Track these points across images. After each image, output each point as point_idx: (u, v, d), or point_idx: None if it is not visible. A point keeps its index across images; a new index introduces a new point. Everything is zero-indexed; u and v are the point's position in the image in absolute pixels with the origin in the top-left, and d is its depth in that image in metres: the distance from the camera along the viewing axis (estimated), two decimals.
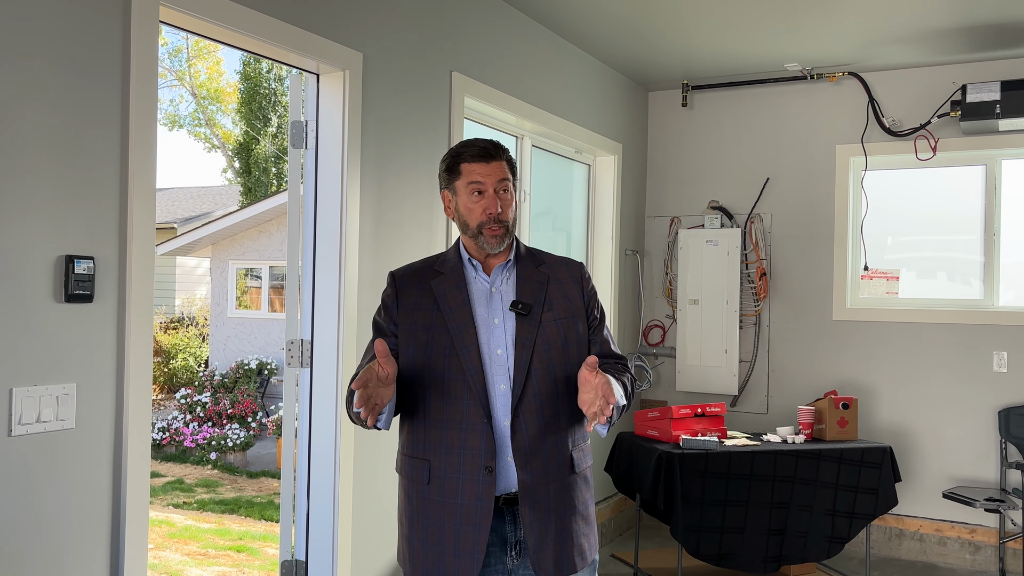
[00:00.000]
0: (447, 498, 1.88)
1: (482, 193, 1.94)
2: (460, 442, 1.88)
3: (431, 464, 1.90)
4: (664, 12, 4.03)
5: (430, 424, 1.91)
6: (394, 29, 3.25)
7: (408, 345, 1.94)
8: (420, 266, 2.04)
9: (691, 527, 3.89)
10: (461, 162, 1.96)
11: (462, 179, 1.96)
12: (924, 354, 4.78)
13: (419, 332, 1.94)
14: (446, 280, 1.98)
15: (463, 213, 1.97)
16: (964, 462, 4.68)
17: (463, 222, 1.98)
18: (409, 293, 1.99)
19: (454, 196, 1.99)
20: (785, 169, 5.13)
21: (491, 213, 1.93)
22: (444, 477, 1.89)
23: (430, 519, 1.91)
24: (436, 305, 1.95)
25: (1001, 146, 4.61)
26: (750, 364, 5.20)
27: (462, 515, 1.87)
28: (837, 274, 4.97)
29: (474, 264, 1.99)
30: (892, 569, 4.61)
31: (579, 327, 2.00)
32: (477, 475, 1.87)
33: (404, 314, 1.97)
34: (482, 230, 1.94)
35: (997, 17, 3.97)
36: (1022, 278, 4.69)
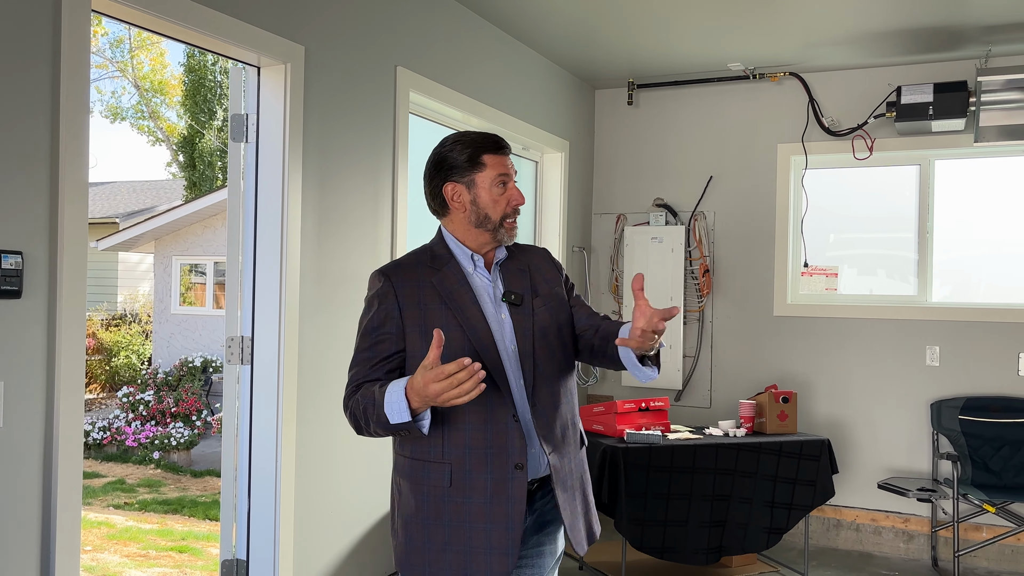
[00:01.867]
0: (473, 499, 1.84)
1: (506, 185, 1.93)
2: (486, 442, 1.85)
3: (452, 467, 1.85)
4: (610, 11, 4.06)
5: (450, 426, 1.85)
6: (337, 23, 3.22)
7: (420, 346, 1.85)
8: (410, 262, 1.96)
9: (635, 520, 3.93)
10: (484, 153, 1.92)
11: (487, 171, 1.92)
12: (861, 349, 4.90)
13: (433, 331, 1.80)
14: (447, 277, 1.92)
15: (485, 205, 1.92)
16: (898, 453, 4.82)
17: (482, 215, 1.92)
18: (409, 291, 1.89)
19: (470, 189, 1.92)
20: (728, 167, 5.21)
21: (518, 204, 1.94)
22: (469, 479, 1.85)
23: (453, 522, 1.86)
24: (444, 303, 1.88)
25: (934, 147, 4.75)
26: (694, 359, 5.28)
27: (492, 515, 1.84)
28: (778, 271, 5.07)
29: (475, 259, 1.96)
30: (829, 559, 4.72)
31: (565, 307, 2.06)
32: (507, 473, 1.85)
33: (410, 313, 1.88)
34: (503, 222, 1.93)
35: (931, 21, 4.09)
36: (954, 275, 4.84)
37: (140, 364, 11.78)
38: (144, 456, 8.12)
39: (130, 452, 8.28)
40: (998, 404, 4.54)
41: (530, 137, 4.74)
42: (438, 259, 1.95)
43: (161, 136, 18.78)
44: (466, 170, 1.92)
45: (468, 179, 1.92)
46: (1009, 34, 4.24)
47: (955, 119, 4.45)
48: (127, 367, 11.72)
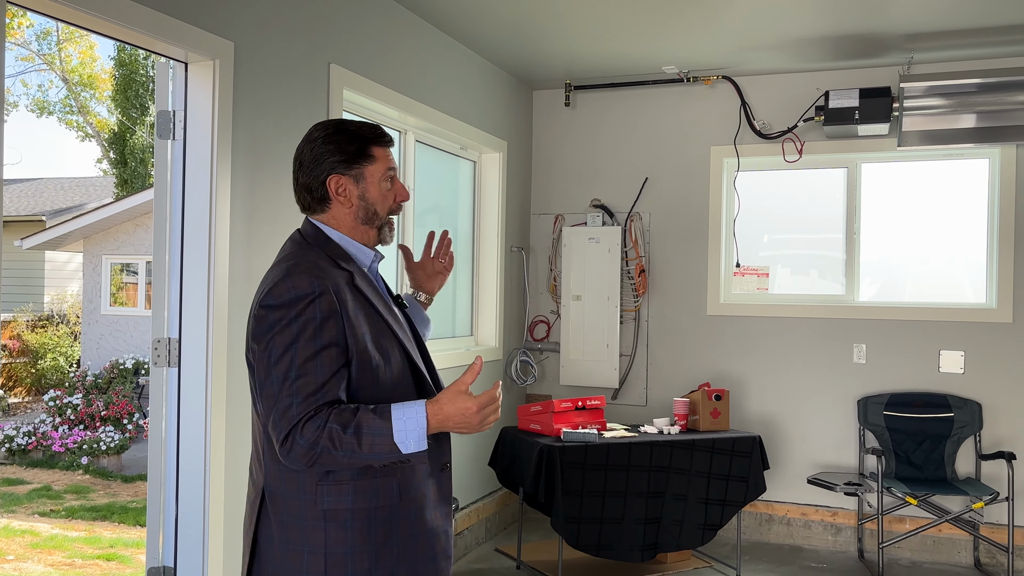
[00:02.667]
0: (415, 508, 1.74)
1: (393, 180, 1.83)
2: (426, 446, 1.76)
3: (399, 480, 1.71)
4: (546, 13, 4.08)
5: None
6: (268, 19, 3.16)
7: (369, 356, 1.69)
8: (323, 264, 1.72)
9: (571, 519, 3.96)
10: (373, 145, 1.79)
11: (377, 164, 1.79)
12: (791, 347, 5.02)
13: (376, 343, 1.71)
14: (361, 278, 1.77)
15: (374, 201, 1.79)
16: (827, 449, 4.95)
17: (370, 211, 1.79)
18: (344, 297, 1.69)
19: (359, 183, 1.78)
20: (663, 169, 5.29)
21: (403, 200, 1.84)
22: (414, 489, 1.73)
23: (403, 539, 1.72)
24: (372, 308, 1.74)
25: (860, 150, 4.89)
26: (630, 358, 5.34)
27: (434, 519, 1.77)
28: (711, 271, 5.16)
29: (375, 258, 1.85)
30: (761, 553, 4.82)
31: None
32: (440, 474, 1.81)
33: (353, 323, 1.68)
34: (388, 219, 1.84)
35: (856, 28, 4.20)
36: (880, 275, 4.99)
37: (68, 366, 11.41)
38: (72, 462, 7.87)
39: (57, 458, 8.02)
40: (920, 400, 4.70)
41: (468, 137, 4.73)
42: (339, 258, 1.76)
43: (91, 132, 18.24)
44: (354, 162, 1.77)
45: (356, 172, 1.78)
46: (930, 42, 4.39)
47: (880, 124, 4.58)
48: (54, 370, 11.35)
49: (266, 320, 1.65)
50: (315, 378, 1.61)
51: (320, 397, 1.61)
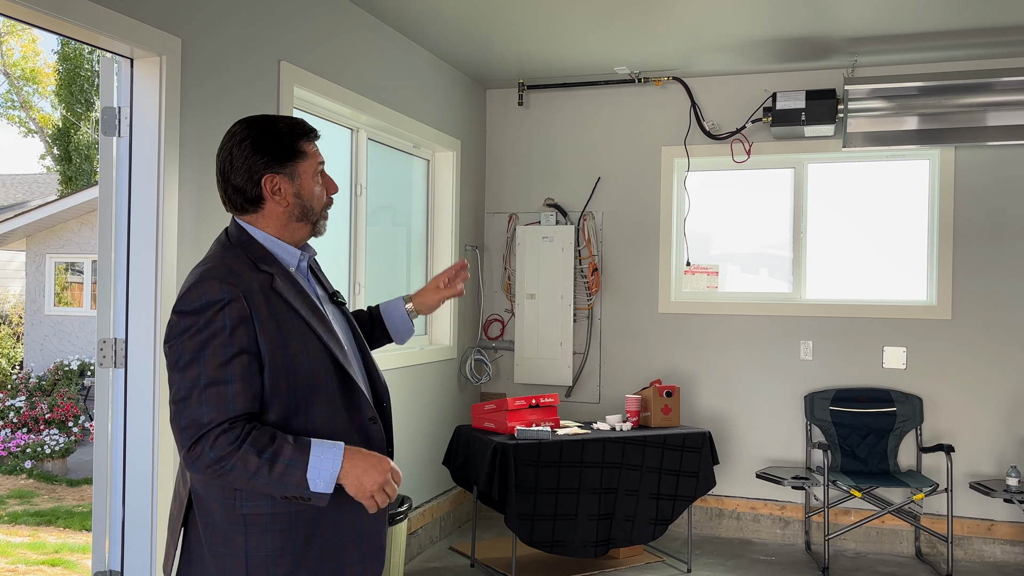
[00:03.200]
0: (341, 510, 1.72)
1: (323, 174, 1.84)
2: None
3: None
4: (499, 12, 4.09)
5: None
6: (217, 15, 3.12)
7: (283, 362, 1.67)
8: (240, 267, 1.70)
9: (525, 516, 3.98)
10: (303, 141, 1.78)
11: (309, 160, 1.78)
12: (740, 344, 5.11)
13: (292, 345, 1.68)
14: (283, 280, 1.74)
15: (309, 197, 1.78)
16: (775, 444, 5.05)
17: (306, 208, 1.78)
18: (258, 301, 1.66)
19: (293, 180, 1.77)
20: (615, 169, 5.34)
21: (334, 192, 1.86)
22: (338, 492, 1.68)
23: (327, 540, 1.72)
24: (292, 310, 1.70)
25: (807, 151, 5.00)
26: (583, 356, 5.38)
27: (362, 521, 1.75)
28: (662, 269, 5.23)
29: (302, 257, 1.82)
30: (712, 547, 4.90)
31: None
32: None
33: (265, 327, 1.66)
34: (322, 215, 1.83)
35: (803, 31, 4.29)
36: (826, 273, 5.10)
37: (10, 368, 11.11)
38: (15, 466, 7.66)
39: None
40: (865, 395, 4.81)
41: (421, 135, 4.72)
42: (261, 260, 1.74)
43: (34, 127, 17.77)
44: (287, 160, 1.76)
45: (290, 169, 1.76)
46: (873, 45, 4.50)
47: (825, 125, 4.69)
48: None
49: (177, 326, 1.64)
50: (225, 387, 1.60)
51: (231, 407, 1.60)
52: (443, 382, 5.06)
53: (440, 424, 5.01)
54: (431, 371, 4.89)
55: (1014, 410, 4.68)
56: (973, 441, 4.74)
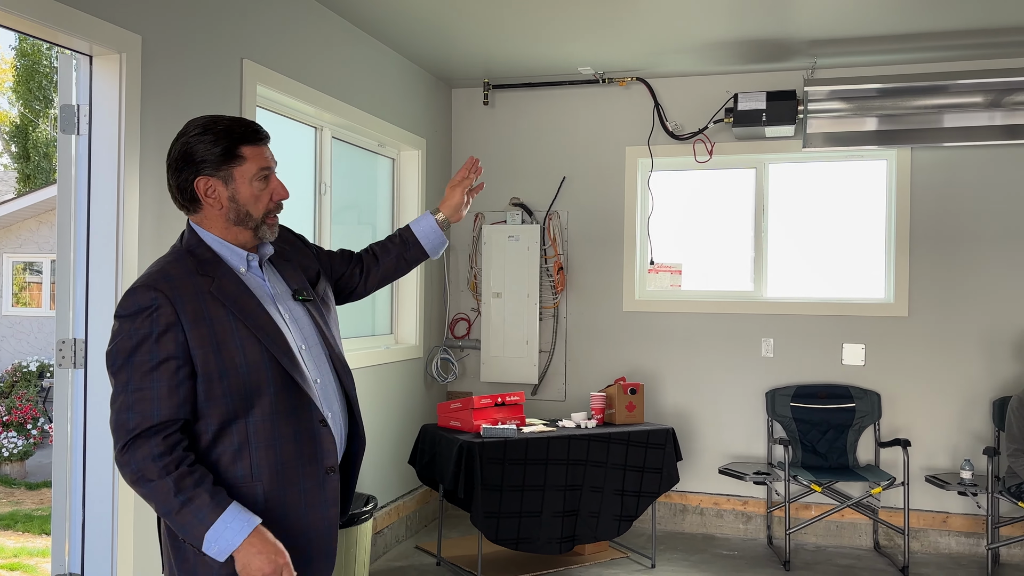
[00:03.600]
0: (289, 514, 1.74)
1: (268, 179, 1.80)
2: (297, 452, 1.75)
3: (264, 486, 1.72)
4: (464, 12, 4.10)
5: (258, 445, 1.71)
6: (178, 12, 3.10)
7: (216, 366, 1.68)
8: (179, 272, 1.72)
9: (490, 514, 4.00)
10: (242, 145, 1.76)
11: (247, 164, 1.76)
12: (703, 342, 5.17)
13: (227, 349, 1.69)
14: (225, 283, 1.74)
15: (246, 202, 1.77)
16: (737, 440, 5.12)
17: (242, 213, 1.77)
18: (190, 307, 1.68)
19: (228, 184, 1.76)
20: (580, 168, 5.37)
21: (281, 198, 1.82)
22: (283, 495, 1.73)
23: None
24: (230, 313, 1.71)
25: (768, 151, 5.07)
26: (549, 354, 5.41)
27: (311, 523, 1.77)
28: (627, 268, 5.28)
29: (250, 259, 1.82)
30: (676, 542, 4.96)
31: (328, 286, 2.04)
32: (321, 479, 1.78)
33: (197, 332, 1.67)
34: (266, 219, 1.80)
35: (763, 33, 4.36)
36: (787, 271, 5.18)
37: None
38: None
39: None
40: (824, 391, 4.90)
41: (386, 134, 4.72)
42: (206, 263, 1.75)
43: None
44: (222, 163, 1.75)
45: (224, 173, 1.75)
46: (832, 48, 4.58)
47: (786, 126, 4.76)
48: None
49: (114, 331, 1.70)
50: (150, 392, 1.64)
51: (155, 413, 1.63)
52: (409, 381, 5.06)
53: (406, 423, 5.01)
54: (397, 370, 4.89)
55: (968, 405, 4.80)
56: (929, 436, 4.85)
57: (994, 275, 4.76)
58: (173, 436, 1.65)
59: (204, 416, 1.69)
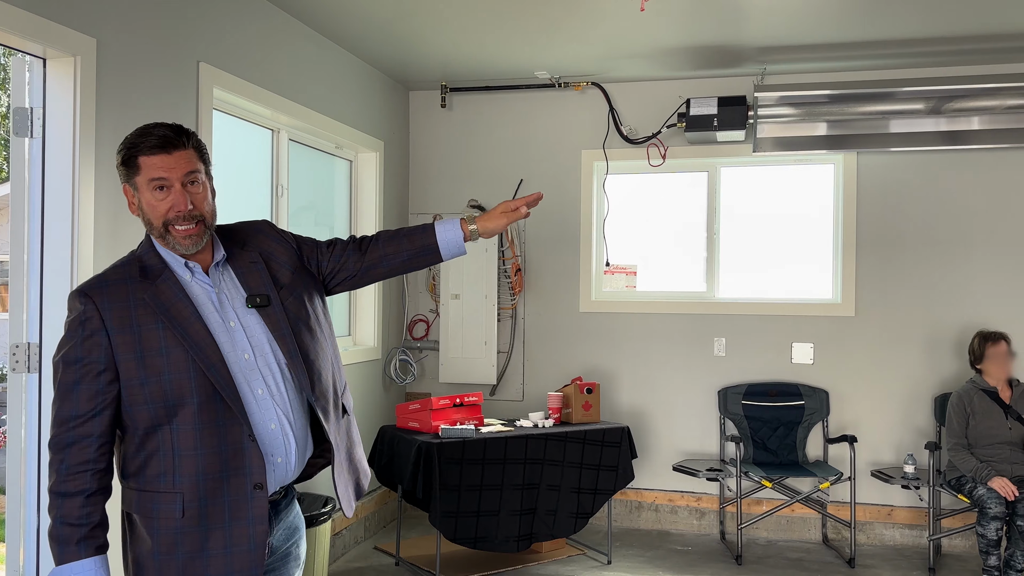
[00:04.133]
0: (210, 527, 1.75)
1: (165, 189, 1.76)
2: (220, 466, 1.75)
3: (184, 496, 1.73)
4: (421, 16, 4.14)
5: (180, 454, 1.72)
6: (133, 15, 3.09)
7: (137, 374, 1.71)
8: (117, 277, 1.77)
9: (449, 513, 4.05)
10: (138, 155, 1.75)
11: (142, 175, 1.75)
12: (657, 342, 5.28)
13: (151, 356, 1.72)
14: (162, 290, 1.76)
15: (147, 212, 1.77)
16: (691, 437, 5.24)
17: (147, 221, 1.79)
18: (118, 313, 1.72)
19: (136, 193, 1.78)
20: (537, 171, 5.44)
21: (179, 211, 1.76)
22: (204, 506, 1.74)
23: (189, 554, 1.75)
24: (160, 321, 1.73)
25: (720, 155, 5.19)
26: (507, 355, 5.47)
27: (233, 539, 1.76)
28: (583, 269, 5.36)
29: (191, 266, 1.82)
30: (631, 539, 5.05)
31: (312, 280, 1.99)
32: (246, 495, 1.76)
33: (122, 339, 1.71)
34: (169, 229, 1.77)
35: (714, 40, 4.47)
36: (738, 272, 5.31)
37: None
38: None
39: None
40: (775, 389, 5.04)
41: (343, 136, 4.73)
42: (149, 270, 1.78)
43: None
44: (127, 174, 1.79)
45: (132, 183, 1.79)
46: (782, 55, 4.71)
47: (736, 130, 4.88)
48: None
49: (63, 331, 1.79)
50: (70, 399, 1.71)
51: (72, 416, 1.70)
52: (367, 383, 5.08)
53: (364, 425, 5.02)
54: (355, 372, 4.91)
55: (911, 402, 4.97)
56: (874, 431, 5.01)
57: (936, 276, 4.93)
58: (87, 450, 1.71)
59: (130, 421, 1.74)
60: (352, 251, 2.03)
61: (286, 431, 1.83)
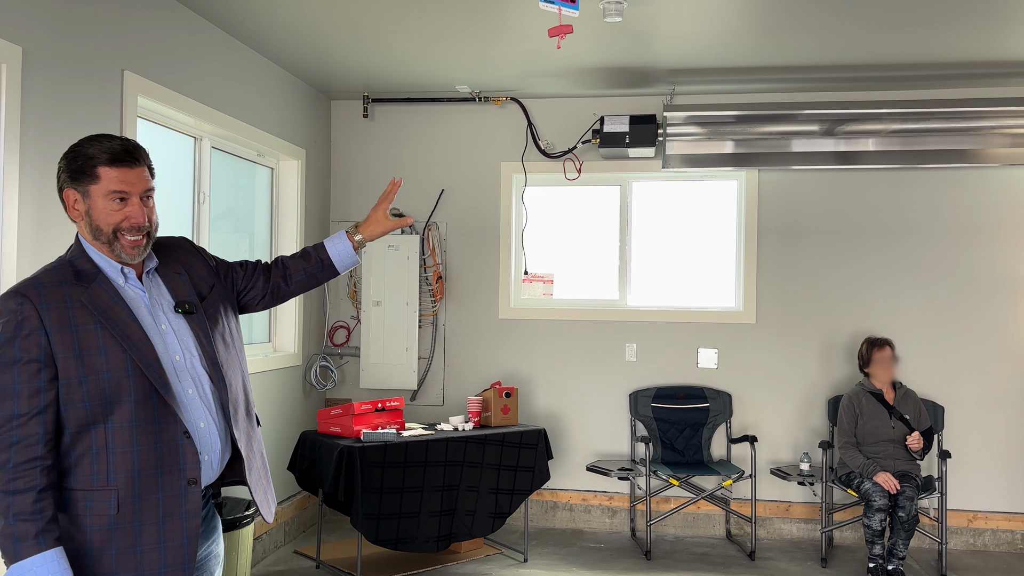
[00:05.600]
0: (144, 521, 1.81)
1: (123, 200, 1.85)
2: (155, 461, 1.82)
3: (119, 492, 1.79)
4: (342, 27, 4.24)
5: (115, 450, 1.79)
6: (59, 24, 3.11)
7: (76, 372, 1.77)
8: (51, 279, 1.82)
9: (370, 515, 4.15)
10: (99, 166, 1.83)
11: (100, 184, 1.83)
12: (572, 347, 5.49)
13: (89, 355, 1.78)
14: (98, 293, 1.84)
15: (97, 218, 1.84)
16: (604, 439, 5.47)
17: (95, 227, 1.85)
18: (55, 313, 1.78)
19: (85, 199, 1.85)
20: (458, 182, 5.60)
21: (136, 223, 1.86)
22: (138, 502, 1.81)
23: (122, 549, 1.80)
24: (98, 322, 1.81)
25: (631, 170, 5.45)
26: (428, 360, 5.60)
27: (166, 534, 1.83)
28: (502, 278, 5.54)
29: (126, 272, 1.91)
30: (547, 538, 5.24)
31: (227, 295, 2.13)
32: (180, 490, 1.84)
33: (60, 338, 1.77)
34: (119, 237, 1.86)
35: (626, 61, 4.71)
36: (648, 281, 5.57)
37: None
38: None
39: None
40: (682, 392, 5.31)
41: (265, 144, 4.79)
42: (83, 274, 1.85)
43: None
44: (78, 180, 1.85)
45: (84, 190, 1.85)
46: (689, 77, 5.00)
47: (647, 148, 5.14)
48: None
49: None
50: (11, 398, 1.74)
51: (14, 412, 1.73)
52: (288, 389, 5.13)
53: (285, 430, 5.07)
54: (275, 378, 4.96)
55: (806, 404, 5.31)
56: (773, 432, 5.33)
57: (830, 287, 5.30)
58: (34, 448, 1.73)
59: (65, 418, 1.78)
60: (261, 272, 2.22)
61: (212, 431, 1.94)
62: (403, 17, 4.04)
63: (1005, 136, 4.95)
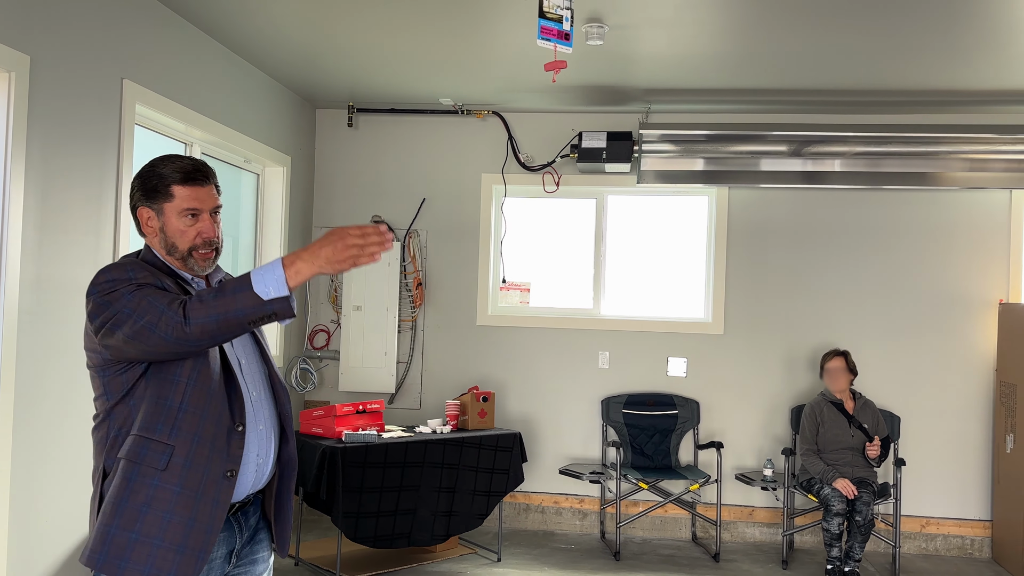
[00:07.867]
0: (183, 491, 1.82)
1: (196, 217, 1.95)
2: (213, 437, 1.86)
3: (174, 451, 1.83)
4: (329, 38, 4.39)
5: (187, 409, 1.84)
6: (65, 34, 3.23)
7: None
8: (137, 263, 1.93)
9: (350, 514, 4.28)
10: (172, 184, 1.93)
11: (174, 202, 1.93)
12: (548, 354, 5.67)
13: None
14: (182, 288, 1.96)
15: (172, 235, 1.95)
16: (576, 443, 5.65)
17: (171, 244, 1.95)
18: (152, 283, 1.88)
19: (159, 216, 1.95)
20: (439, 191, 5.76)
21: (207, 238, 1.96)
22: (185, 469, 1.83)
23: (154, 509, 1.81)
24: None
25: (607, 184, 5.65)
26: (407, 365, 5.74)
27: (197, 513, 1.83)
28: (481, 285, 5.70)
29: (196, 282, 2.02)
30: (519, 539, 5.40)
31: None
32: (219, 476, 1.87)
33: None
34: (192, 253, 1.96)
35: (604, 80, 4.91)
36: (622, 291, 5.77)
37: None
38: None
39: None
40: (652, 399, 5.51)
41: (251, 151, 4.91)
42: (165, 275, 1.95)
43: None
44: (154, 199, 1.95)
45: (158, 206, 1.95)
46: (664, 96, 5.20)
47: (623, 163, 5.34)
48: None
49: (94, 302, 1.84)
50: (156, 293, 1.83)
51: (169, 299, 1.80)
52: None
53: None
54: None
55: (771, 412, 5.54)
56: (739, 439, 5.55)
57: (795, 301, 5.53)
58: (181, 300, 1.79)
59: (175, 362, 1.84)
60: None
61: (270, 436, 1.99)
62: (389, 32, 4.19)
63: (963, 160, 5.21)
